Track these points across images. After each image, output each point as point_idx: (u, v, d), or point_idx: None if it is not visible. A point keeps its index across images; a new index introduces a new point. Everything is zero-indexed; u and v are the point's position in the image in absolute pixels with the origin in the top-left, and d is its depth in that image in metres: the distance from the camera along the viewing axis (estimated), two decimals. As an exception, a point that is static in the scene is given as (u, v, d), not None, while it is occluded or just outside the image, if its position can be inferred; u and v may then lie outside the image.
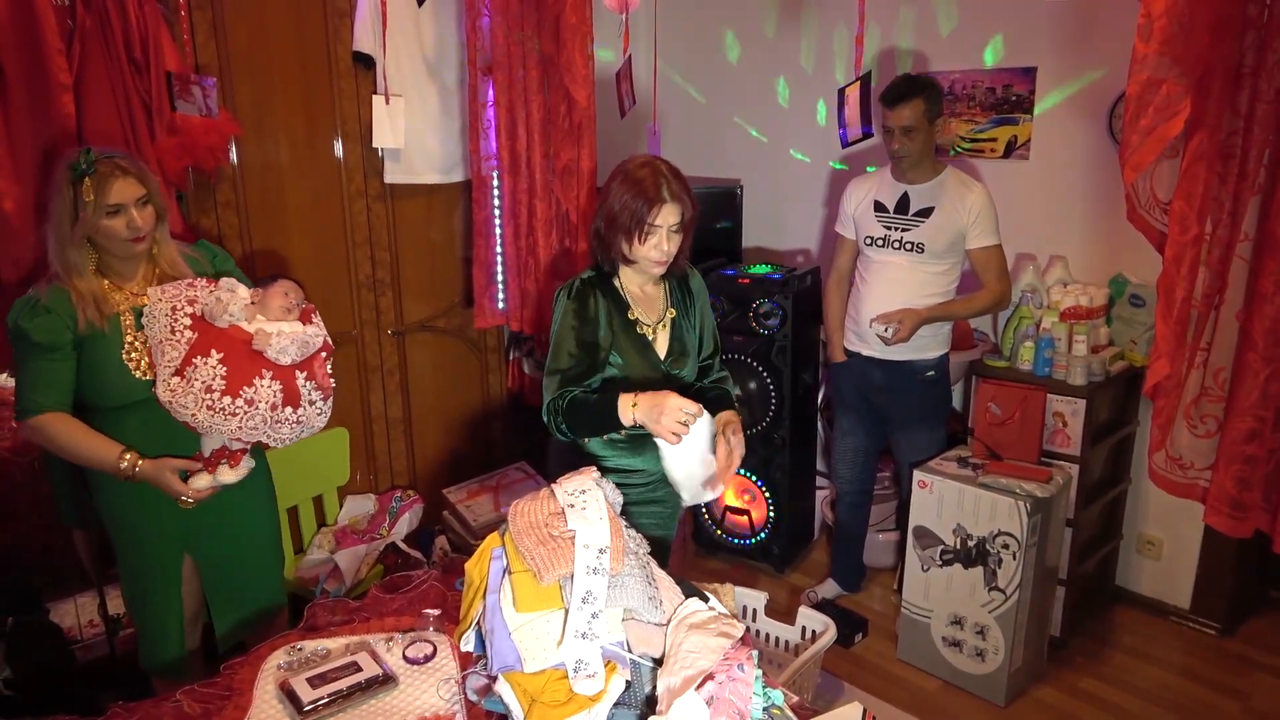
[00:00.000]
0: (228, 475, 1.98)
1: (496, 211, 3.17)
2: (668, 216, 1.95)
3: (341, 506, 3.21)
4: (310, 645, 1.80)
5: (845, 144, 2.57)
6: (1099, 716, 2.72)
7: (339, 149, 3.08)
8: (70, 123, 2.30)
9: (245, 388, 1.86)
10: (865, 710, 1.56)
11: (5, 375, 2.45)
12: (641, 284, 2.11)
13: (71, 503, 2.34)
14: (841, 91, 2.51)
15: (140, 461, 1.92)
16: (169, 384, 1.87)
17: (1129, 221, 2.04)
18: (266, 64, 2.86)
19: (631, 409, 1.86)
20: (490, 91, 2.98)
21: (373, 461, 3.38)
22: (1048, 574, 2.80)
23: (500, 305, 3.26)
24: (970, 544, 2.73)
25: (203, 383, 1.84)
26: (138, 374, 1.94)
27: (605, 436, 2.08)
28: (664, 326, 2.11)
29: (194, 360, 1.86)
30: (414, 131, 3.13)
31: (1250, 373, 1.84)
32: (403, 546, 3.10)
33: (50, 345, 1.87)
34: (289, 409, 1.91)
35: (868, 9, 2.41)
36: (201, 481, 1.96)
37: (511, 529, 1.60)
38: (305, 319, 2.03)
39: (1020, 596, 2.66)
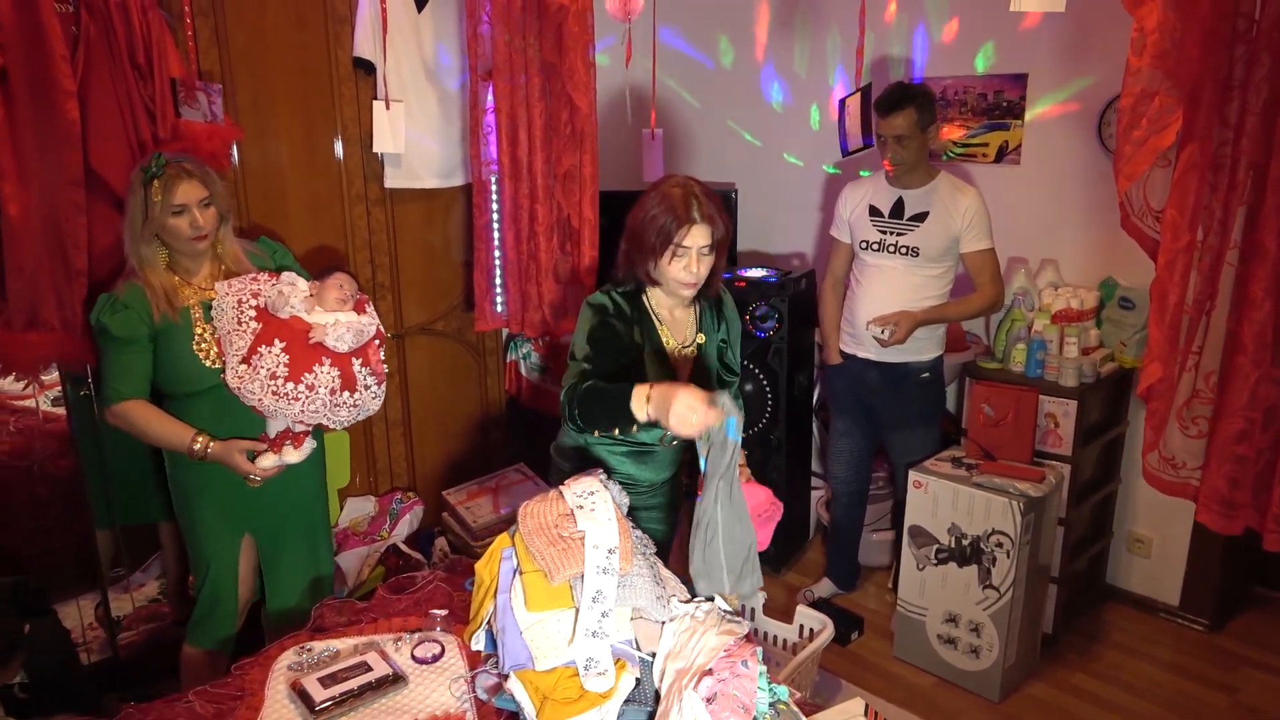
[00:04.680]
0: (292, 455, 2.11)
1: (495, 216, 3.19)
2: (697, 238, 1.91)
3: (342, 508, 3.23)
4: (319, 646, 1.82)
5: (846, 153, 2.62)
6: (1090, 712, 2.76)
7: (339, 153, 3.10)
8: (74, 128, 2.30)
9: (306, 374, 2.00)
10: (867, 705, 1.60)
11: (11, 379, 2.47)
12: (671, 306, 2.06)
13: (104, 504, 2.49)
14: (842, 103, 2.56)
15: (211, 443, 2.07)
16: (236, 371, 2.01)
17: (1123, 229, 2.09)
18: (267, 69, 2.88)
19: (645, 402, 1.72)
20: (490, 97, 3.00)
21: (373, 464, 3.39)
22: (1040, 572, 2.85)
23: (500, 309, 3.29)
24: (965, 543, 2.77)
25: (267, 370, 1.98)
26: (207, 363, 2.08)
27: (616, 431, 1.89)
28: (690, 350, 2.06)
29: (259, 349, 2.00)
30: (414, 136, 3.15)
31: (1240, 376, 1.89)
32: (403, 548, 3.12)
33: (129, 339, 2.03)
34: (346, 393, 2.06)
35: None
36: (267, 461, 2.10)
37: (522, 530, 1.63)
38: (359, 309, 2.16)
39: (1014, 594, 2.70)
